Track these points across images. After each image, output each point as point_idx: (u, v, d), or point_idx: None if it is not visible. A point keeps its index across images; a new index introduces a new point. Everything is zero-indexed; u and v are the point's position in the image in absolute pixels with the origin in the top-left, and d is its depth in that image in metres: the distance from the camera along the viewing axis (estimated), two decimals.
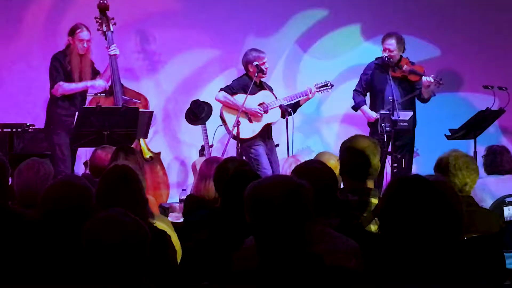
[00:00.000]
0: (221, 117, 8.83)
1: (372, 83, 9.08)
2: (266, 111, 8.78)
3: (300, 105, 9.02)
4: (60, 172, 7.67)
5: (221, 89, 8.84)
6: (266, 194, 2.92)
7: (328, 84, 9.02)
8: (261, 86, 8.93)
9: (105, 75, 8.52)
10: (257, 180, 3.05)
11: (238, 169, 4.59)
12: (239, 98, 8.72)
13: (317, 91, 8.96)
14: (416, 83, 9.05)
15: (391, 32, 9.12)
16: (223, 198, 4.33)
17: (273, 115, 8.83)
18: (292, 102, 8.91)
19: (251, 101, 8.74)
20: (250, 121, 8.77)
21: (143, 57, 10.26)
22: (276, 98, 8.94)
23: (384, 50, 9.03)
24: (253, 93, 8.77)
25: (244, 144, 8.77)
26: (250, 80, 8.76)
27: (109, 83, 8.53)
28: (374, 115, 8.92)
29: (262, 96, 8.87)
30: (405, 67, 8.95)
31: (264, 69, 8.80)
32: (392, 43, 9.00)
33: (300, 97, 8.90)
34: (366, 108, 9.05)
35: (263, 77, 8.90)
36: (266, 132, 8.85)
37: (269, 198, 2.90)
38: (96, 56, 8.60)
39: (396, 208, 2.82)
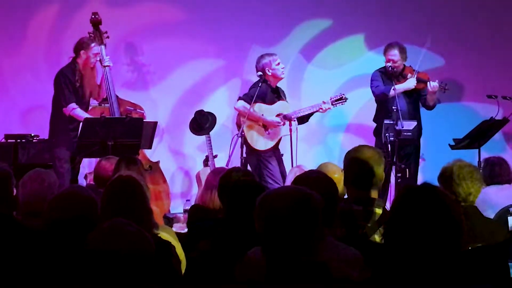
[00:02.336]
0: (238, 124, 8.82)
1: None
2: (283, 123, 8.79)
3: (312, 115, 9.03)
4: (60, 185, 7.68)
5: (240, 98, 8.82)
6: (277, 204, 2.92)
7: (343, 97, 9.00)
8: (277, 93, 8.94)
9: (102, 86, 8.58)
10: (269, 190, 3.06)
11: (240, 179, 4.59)
12: (257, 107, 8.73)
13: (332, 106, 8.95)
14: (422, 91, 9.07)
15: (393, 42, 9.13)
16: (226, 208, 4.34)
17: (288, 128, 8.84)
18: (306, 113, 8.92)
19: (269, 112, 8.78)
20: (268, 132, 8.78)
21: (148, 67, 10.27)
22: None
23: (388, 61, 9.03)
24: (271, 102, 8.81)
25: (259, 156, 8.80)
26: (268, 86, 8.77)
27: (105, 95, 8.59)
28: (412, 81, 8.97)
29: (280, 106, 8.88)
30: (409, 75, 8.99)
31: (281, 69, 8.81)
32: (395, 53, 9.02)
33: (314, 109, 8.89)
34: (395, 86, 8.95)
35: (280, 79, 8.91)
36: (277, 143, 8.89)
37: (280, 209, 2.90)
38: None
39: (404, 216, 2.83)
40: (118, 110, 8.54)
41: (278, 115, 8.82)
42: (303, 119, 9.02)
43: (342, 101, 8.99)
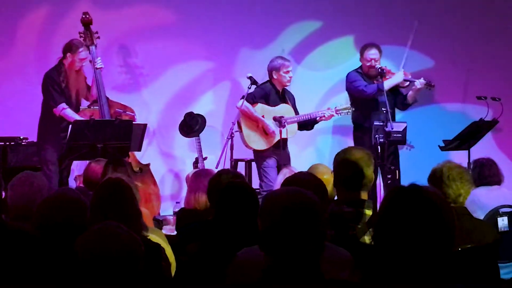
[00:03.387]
0: (238, 123, 8.84)
1: None
2: (283, 126, 8.78)
3: (317, 122, 9.08)
4: (49, 188, 7.66)
5: (243, 97, 8.85)
6: (285, 206, 2.91)
7: (350, 108, 9.04)
8: (283, 97, 8.97)
9: (93, 88, 8.57)
10: (275, 191, 3.04)
11: (230, 182, 4.59)
12: (259, 108, 8.77)
13: (336, 114, 8.98)
14: (400, 91, 9.13)
15: (370, 42, 9.22)
16: (216, 210, 4.33)
17: (289, 131, 8.85)
18: (310, 119, 8.96)
19: (271, 114, 8.83)
20: (265, 134, 8.81)
21: (138, 69, 10.26)
22: (296, 109, 9.02)
23: (369, 60, 9.07)
24: (274, 104, 8.84)
25: (258, 154, 8.86)
26: (273, 88, 8.83)
27: (95, 97, 8.57)
28: (400, 74, 9.00)
29: (282, 109, 8.90)
30: (389, 75, 9.01)
31: (288, 77, 8.88)
32: (375, 52, 9.08)
33: (317, 116, 8.93)
34: (385, 82, 8.99)
35: (286, 85, 8.98)
36: (280, 144, 8.88)
37: (287, 212, 2.89)
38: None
39: (392, 218, 2.83)
40: (108, 112, 8.52)
41: (279, 117, 8.85)
42: (306, 126, 9.08)
43: (348, 111, 9.02)
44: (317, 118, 8.99)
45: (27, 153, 8.90)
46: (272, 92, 8.87)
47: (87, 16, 8.69)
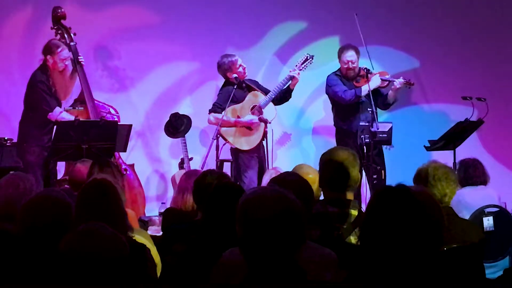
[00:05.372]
0: (222, 136, 8.82)
1: None
2: (261, 114, 8.78)
3: (292, 90, 9.03)
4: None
5: (210, 111, 8.83)
6: (261, 210, 2.89)
7: (308, 57, 9.02)
8: (247, 87, 8.94)
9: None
10: (250, 193, 3.01)
11: (220, 183, 4.57)
12: (231, 111, 8.76)
13: (300, 70, 8.95)
14: (381, 90, 9.15)
15: (347, 44, 9.24)
16: (205, 212, 4.31)
17: (269, 114, 8.85)
18: (282, 90, 8.94)
19: (243, 109, 8.79)
20: (250, 130, 8.78)
21: (123, 70, 10.23)
22: (264, 89, 9.02)
23: (346, 62, 9.08)
24: (241, 99, 8.80)
25: (238, 154, 8.83)
26: (233, 87, 8.77)
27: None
28: (376, 78, 8.99)
29: (251, 98, 8.88)
30: (369, 76, 9.01)
31: (243, 70, 8.86)
32: (353, 54, 9.09)
33: (286, 83, 8.91)
34: (363, 87, 8.99)
35: (244, 77, 8.94)
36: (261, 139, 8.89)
37: (264, 214, 2.87)
38: None
39: (380, 218, 2.83)
40: (95, 108, 8.49)
41: (253, 108, 8.83)
42: (285, 98, 9.05)
43: (308, 61, 9.01)
44: (290, 86, 8.94)
45: (11, 154, 8.85)
46: (234, 91, 8.82)
47: (61, 10, 8.63)
